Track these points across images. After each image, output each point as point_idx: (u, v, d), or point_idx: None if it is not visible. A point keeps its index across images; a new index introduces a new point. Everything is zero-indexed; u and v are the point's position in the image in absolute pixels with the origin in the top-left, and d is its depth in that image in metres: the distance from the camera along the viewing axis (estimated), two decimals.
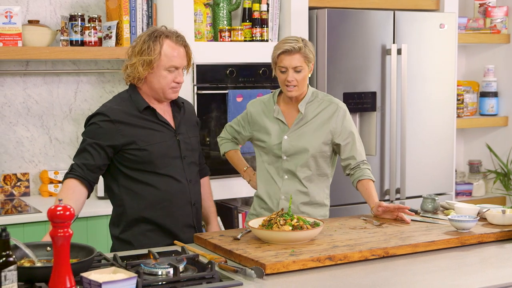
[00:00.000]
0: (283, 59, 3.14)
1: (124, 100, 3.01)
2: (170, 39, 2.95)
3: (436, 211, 3.29)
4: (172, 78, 2.95)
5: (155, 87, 2.96)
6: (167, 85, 2.95)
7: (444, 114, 4.69)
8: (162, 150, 2.97)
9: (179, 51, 2.95)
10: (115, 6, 4.09)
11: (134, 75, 2.96)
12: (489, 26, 5.24)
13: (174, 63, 2.93)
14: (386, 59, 4.42)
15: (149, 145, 2.93)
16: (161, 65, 2.93)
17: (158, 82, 2.95)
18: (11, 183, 4.09)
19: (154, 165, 2.95)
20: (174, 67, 2.94)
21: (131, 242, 2.98)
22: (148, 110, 2.99)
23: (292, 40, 3.15)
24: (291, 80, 3.14)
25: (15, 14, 3.77)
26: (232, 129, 3.46)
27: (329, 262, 2.53)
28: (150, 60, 2.91)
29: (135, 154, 2.93)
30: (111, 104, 3.01)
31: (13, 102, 4.11)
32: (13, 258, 1.99)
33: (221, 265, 2.48)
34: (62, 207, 2.06)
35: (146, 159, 2.94)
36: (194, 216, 3.08)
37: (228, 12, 4.25)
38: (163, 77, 2.94)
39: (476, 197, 5.26)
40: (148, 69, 2.93)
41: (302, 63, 3.14)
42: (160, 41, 2.93)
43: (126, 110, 2.97)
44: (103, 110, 2.98)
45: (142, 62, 2.92)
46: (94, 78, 4.30)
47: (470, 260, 2.67)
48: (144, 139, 2.94)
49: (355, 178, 3.23)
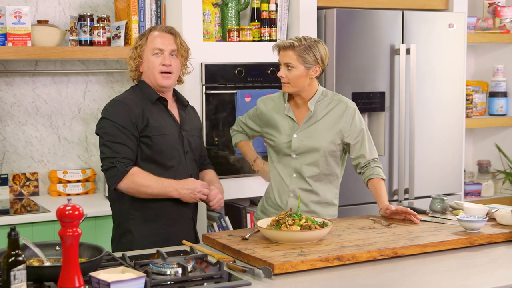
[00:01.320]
0: (279, 54, 3.22)
1: (136, 93, 3.12)
2: (156, 29, 3.13)
3: (445, 211, 3.28)
4: (159, 61, 3.07)
5: (148, 75, 3.11)
6: (155, 69, 3.07)
7: (453, 114, 4.67)
8: (171, 142, 3.07)
9: (162, 35, 3.10)
10: (124, 6, 4.09)
11: (130, 68, 3.13)
12: (498, 26, 5.23)
13: (157, 45, 3.07)
14: (395, 59, 4.41)
15: (161, 135, 3.03)
16: (146, 51, 3.09)
17: (148, 69, 3.10)
18: (20, 182, 4.10)
19: (164, 156, 3.04)
20: (157, 49, 3.07)
21: (130, 230, 3.04)
22: (159, 102, 3.11)
23: (293, 39, 3.18)
24: (281, 76, 3.19)
25: (25, 14, 3.78)
26: (243, 123, 3.50)
27: (337, 262, 2.53)
28: (136, 48, 3.09)
29: (147, 143, 3.01)
30: (125, 95, 3.14)
31: (22, 102, 4.12)
32: (22, 257, 2.00)
33: (229, 265, 2.48)
34: (71, 206, 2.07)
35: (158, 148, 3.02)
36: (194, 210, 3.19)
37: (236, 12, 4.25)
38: (150, 62, 3.08)
39: (485, 198, 5.25)
40: (137, 58, 3.10)
41: (294, 61, 3.15)
42: (146, 33, 3.12)
43: (139, 99, 3.08)
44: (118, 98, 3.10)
45: (132, 54, 3.11)
46: (103, 78, 4.31)
47: (479, 260, 2.67)
48: (157, 128, 3.03)
49: (366, 176, 3.23)
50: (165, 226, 3.07)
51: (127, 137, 2.97)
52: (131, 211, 3.06)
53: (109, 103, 3.09)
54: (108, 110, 3.05)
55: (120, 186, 2.96)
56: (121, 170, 2.94)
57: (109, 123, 3.00)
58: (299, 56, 3.15)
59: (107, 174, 2.99)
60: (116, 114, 3.01)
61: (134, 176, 2.94)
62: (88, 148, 4.28)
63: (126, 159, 2.96)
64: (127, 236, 3.06)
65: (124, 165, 2.94)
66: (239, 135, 3.54)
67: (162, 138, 3.03)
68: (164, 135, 3.04)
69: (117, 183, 2.95)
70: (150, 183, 2.96)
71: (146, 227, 3.05)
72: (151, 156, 3.03)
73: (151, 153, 3.02)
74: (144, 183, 2.95)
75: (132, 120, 2.99)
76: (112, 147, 2.97)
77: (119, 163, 2.94)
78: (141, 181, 2.95)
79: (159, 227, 3.06)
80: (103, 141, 3.01)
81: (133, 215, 3.06)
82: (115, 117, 3.00)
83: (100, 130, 3.04)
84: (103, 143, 3.00)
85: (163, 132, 3.04)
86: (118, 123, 2.98)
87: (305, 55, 3.14)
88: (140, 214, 3.05)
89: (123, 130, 2.98)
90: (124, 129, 2.98)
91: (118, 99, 3.09)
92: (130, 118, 2.99)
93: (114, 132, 2.98)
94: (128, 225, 3.06)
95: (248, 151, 3.54)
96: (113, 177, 2.96)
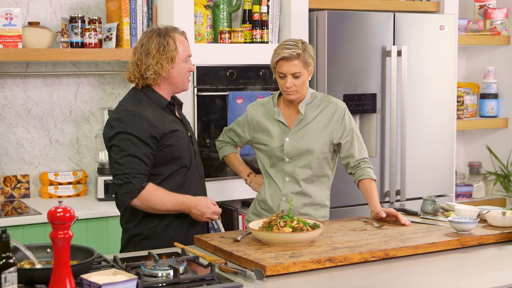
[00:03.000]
0: (282, 65, 3.13)
1: (144, 100, 3.04)
2: (176, 32, 3.09)
3: (436, 212, 3.29)
4: (188, 67, 3.11)
5: (176, 81, 3.09)
6: (186, 75, 3.11)
7: (444, 115, 4.68)
8: (186, 146, 3.07)
9: (186, 41, 3.12)
10: (115, 8, 4.09)
11: (158, 74, 3.02)
12: (489, 27, 5.24)
13: (189, 52, 3.11)
14: (386, 60, 4.42)
15: (178, 140, 3.02)
16: (179, 57, 3.06)
17: (179, 75, 3.08)
18: (11, 184, 4.09)
19: (181, 160, 3.04)
20: (189, 56, 3.11)
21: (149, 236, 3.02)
22: (167, 108, 3.09)
23: (291, 45, 3.13)
24: (289, 86, 3.15)
25: (16, 16, 3.77)
26: (232, 132, 3.44)
27: (329, 264, 2.53)
28: (173, 56, 3.03)
29: (167, 150, 2.99)
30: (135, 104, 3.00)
31: (13, 104, 4.11)
32: (13, 260, 1.99)
33: (221, 267, 2.48)
34: (62, 208, 2.06)
35: (177, 154, 3.02)
36: None
37: (228, 14, 4.25)
38: (182, 69, 3.08)
39: (476, 199, 5.26)
40: (172, 64, 3.04)
41: (301, 69, 3.13)
42: (172, 36, 3.05)
43: (152, 108, 3.02)
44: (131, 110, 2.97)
45: (166, 59, 3.02)
46: (94, 79, 4.30)
47: (470, 261, 2.67)
48: (175, 135, 3.02)
49: (356, 177, 3.24)
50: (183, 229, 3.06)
51: (144, 152, 2.90)
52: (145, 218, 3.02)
53: (122, 114, 2.96)
54: (123, 121, 2.93)
55: (135, 203, 2.91)
56: (137, 186, 2.88)
57: (126, 136, 2.91)
58: (304, 63, 3.13)
59: (122, 189, 2.90)
60: (133, 126, 2.91)
61: (149, 194, 2.90)
62: (80, 150, 4.28)
63: (141, 175, 2.90)
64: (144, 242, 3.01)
65: (140, 181, 2.88)
66: (227, 147, 3.50)
67: (180, 143, 3.02)
68: (180, 140, 3.03)
69: (132, 199, 2.89)
70: (165, 201, 2.94)
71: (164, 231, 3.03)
72: (168, 162, 3.01)
73: (168, 159, 3.00)
74: (158, 201, 2.92)
75: (151, 133, 2.92)
76: (128, 161, 2.89)
77: (135, 179, 2.88)
78: (156, 198, 2.92)
79: (177, 230, 3.05)
80: (118, 155, 2.91)
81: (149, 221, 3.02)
82: (132, 130, 2.91)
83: (116, 143, 2.93)
84: (118, 157, 2.91)
85: (179, 137, 3.03)
86: (136, 136, 2.90)
87: (307, 59, 3.14)
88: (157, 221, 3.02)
89: (140, 145, 2.90)
90: (142, 143, 2.90)
91: (132, 109, 2.96)
92: (149, 131, 2.92)
93: (130, 146, 2.90)
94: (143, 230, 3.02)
95: (239, 165, 3.49)
96: (128, 193, 2.89)
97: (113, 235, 3.69)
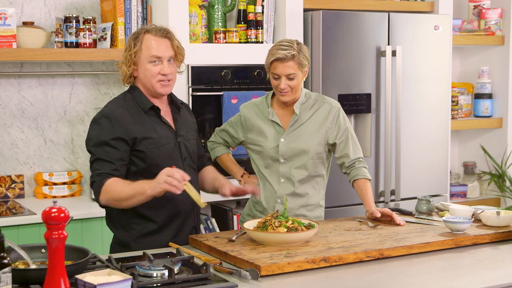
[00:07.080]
0: (276, 66, 3.12)
1: (127, 101, 2.98)
2: (150, 32, 2.94)
3: (430, 212, 3.29)
4: (157, 70, 2.92)
5: (144, 82, 2.96)
6: (153, 77, 2.93)
7: (439, 115, 4.69)
8: (168, 152, 2.95)
9: (158, 42, 2.93)
10: (110, 8, 4.09)
11: (125, 74, 2.97)
12: (483, 28, 5.25)
13: (154, 53, 2.91)
14: (381, 61, 4.42)
15: (156, 147, 2.92)
16: (142, 58, 2.93)
17: (144, 77, 2.94)
18: (5, 185, 4.08)
19: (161, 168, 2.78)
20: (155, 57, 2.92)
21: (128, 245, 2.94)
22: (152, 111, 2.98)
23: (286, 46, 3.11)
24: (284, 88, 3.13)
25: (10, 16, 3.76)
26: (224, 132, 3.42)
27: (324, 263, 2.54)
28: (131, 55, 2.92)
29: (141, 157, 2.90)
30: (115, 106, 2.97)
31: (7, 104, 4.10)
32: (7, 260, 1.99)
33: (216, 267, 2.48)
34: (57, 209, 2.06)
35: (154, 161, 2.90)
36: (196, 216, 3.10)
37: (223, 14, 4.25)
38: (148, 71, 2.93)
39: (470, 199, 5.27)
40: (132, 65, 2.94)
41: (295, 70, 3.11)
42: (140, 37, 2.94)
43: (131, 111, 2.94)
44: (107, 112, 2.93)
45: (125, 59, 2.95)
46: (88, 79, 4.29)
47: (464, 261, 2.68)
48: (152, 141, 2.91)
49: (351, 177, 3.23)
50: (167, 238, 2.96)
51: (110, 153, 2.84)
52: (132, 225, 2.96)
53: (97, 115, 2.94)
54: (98, 123, 2.90)
55: (102, 201, 2.84)
56: (98, 184, 2.82)
57: (96, 138, 2.88)
58: (299, 64, 3.11)
59: (93, 191, 2.89)
60: (103, 129, 2.87)
61: (109, 187, 2.80)
62: (74, 150, 4.27)
63: (105, 174, 2.82)
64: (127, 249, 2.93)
65: (101, 179, 2.82)
66: (220, 148, 3.46)
67: (158, 150, 2.92)
68: (160, 146, 2.92)
69: (98, 197, 2.84)
70: (122, 188, 2.78)
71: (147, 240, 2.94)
72: (147, 169, 2.90)
73: (146, 166, 2.91)
74: (116, 189, 2.78)
75: (119, 135, 2.86)
76: (97, 165, 2.86)
77: (98, 177, 2.83)
78: (115, 188, 2.79)
79: (161, 239, 2.95)
80: (90, 160, 2.90)
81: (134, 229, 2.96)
82: (101, 133, 2.87)
83: (89, 149, 2.91)
84: (90, 162, 2.89)
85: (158, 143, 2.92)
86: (103, 139, 2.86)
87: (302, 61, 3.12)
88: (141, 228, 2.95)
89: (107, 147, 2.85)
90: (108, 146, 2.85)
91: (107, 112, 2.92)
92: (118, 133, 2.86)
93: (98, 150, 2.86)
94: (127, 237, 2.96)
95: (232, 166, 3.45)
96: (95, 193, 2.85)
97: (107, 236, 3.67)
